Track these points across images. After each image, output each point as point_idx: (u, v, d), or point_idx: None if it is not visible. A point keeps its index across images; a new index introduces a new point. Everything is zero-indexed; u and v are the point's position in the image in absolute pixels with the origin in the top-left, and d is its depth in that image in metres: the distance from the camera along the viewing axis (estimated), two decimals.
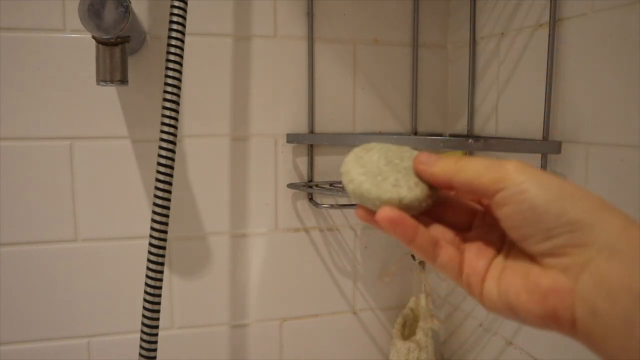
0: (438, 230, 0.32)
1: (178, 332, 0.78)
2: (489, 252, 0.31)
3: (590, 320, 0.24)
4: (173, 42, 0.61)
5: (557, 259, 0.26)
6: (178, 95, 0.61)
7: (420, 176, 0.31)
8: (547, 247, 0.26)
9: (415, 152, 0.33)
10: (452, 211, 0.34)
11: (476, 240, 0.32)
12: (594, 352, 0.26)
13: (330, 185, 0.78)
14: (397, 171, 0.31)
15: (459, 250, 0.31)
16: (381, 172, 0.31)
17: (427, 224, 0.32)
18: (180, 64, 0.61)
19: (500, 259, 0.30)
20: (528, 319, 0.27)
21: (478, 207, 0.34)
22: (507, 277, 0.28)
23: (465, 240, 0.32)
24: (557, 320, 0.26)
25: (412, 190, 0.30)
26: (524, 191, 0.26)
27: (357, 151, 0.33)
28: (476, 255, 0.31)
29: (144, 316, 0.62)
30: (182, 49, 0.61)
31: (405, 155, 0.33)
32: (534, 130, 0.66)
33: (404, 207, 0.30)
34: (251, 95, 0.77)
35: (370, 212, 0.31)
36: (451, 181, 0.30)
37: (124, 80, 0.63)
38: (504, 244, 0.31)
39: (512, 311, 0.27)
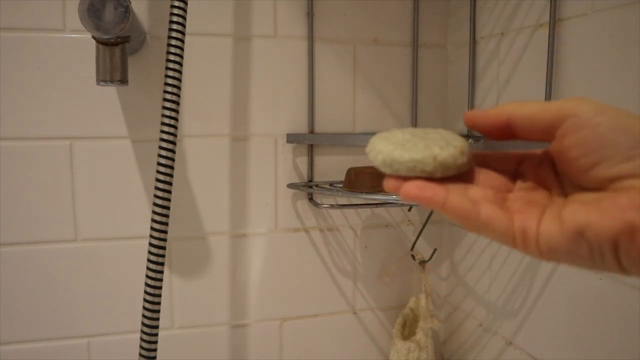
0: (476, 190, 0.30)
1: (178, 332, 0.78)
2: (540, 203, 0.29)
3: None
4: (173, 42, 0.61)
5: (639, 179, 0.25)
6: (178, 95, 0.61)
7: (472, 123, 0.31)
8: (627, 167, 0.25)
9: (439, 130, 0.33)
10: (488, 180, 0.32)
11: (522, 196, 0.30)
12: None
13: (330, 185, 0.78)
14: (424, 140, 0.31)
15: (503, 208, 0.29)
16: (409, 142, 0.31)
17: (463, 188, 0.30)
18: (180, 64, 0.61)
19: (554, 207, 0.28)
20: (597, 239, 0.25)
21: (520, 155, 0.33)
22: (571, 208, 0.27)
23: (507, 199, 0.30)
24: (633, 235, 0.25)
25: (444, 149, 0.30)
26: (600, 114, 0.26)
27: (379, 134, 0.33)
28: (526, 206, 0.29)
29: (144, 316, 0.62)
30: (182, 49, 0.61)
31: (428, 131, 0.33)
32: None
33: (439, 164, 0.29)
34: (251, 95, 0.77)
35: (401, 181, 0.30)
36: (510, 117, 0.29)
37: (124, 80, 0.63)
38: (553, 198, 0.30)
39: (579, 236, 0.26)
